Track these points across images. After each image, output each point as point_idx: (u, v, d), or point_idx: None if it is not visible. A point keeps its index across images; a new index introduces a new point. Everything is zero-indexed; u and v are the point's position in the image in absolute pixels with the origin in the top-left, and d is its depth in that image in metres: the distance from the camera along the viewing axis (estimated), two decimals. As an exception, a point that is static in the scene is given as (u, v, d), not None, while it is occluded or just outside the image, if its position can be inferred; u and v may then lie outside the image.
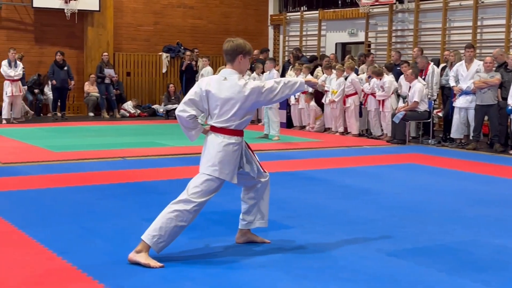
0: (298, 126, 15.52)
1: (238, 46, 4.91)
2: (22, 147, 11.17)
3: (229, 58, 4.94)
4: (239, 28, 20.90)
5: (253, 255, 4.98)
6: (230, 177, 4.84)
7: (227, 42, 4.96)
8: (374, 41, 18.22)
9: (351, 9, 18.47)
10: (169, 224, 4.66)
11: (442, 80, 13.27)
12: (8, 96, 15.34)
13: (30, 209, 6.43)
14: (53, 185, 7.76)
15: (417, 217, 6.39)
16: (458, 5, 15.71)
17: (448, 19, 15.94)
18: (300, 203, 6.95)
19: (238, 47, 4.90)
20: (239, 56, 4.91)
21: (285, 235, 5.59)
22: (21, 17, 17.93)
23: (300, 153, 11.27)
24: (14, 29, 17.88)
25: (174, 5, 20.01)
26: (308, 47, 19.96)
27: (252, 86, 4.83)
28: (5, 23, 17.74)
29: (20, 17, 17.92)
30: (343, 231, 5.75)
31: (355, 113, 14.09)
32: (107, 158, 10.03)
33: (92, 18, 18.42)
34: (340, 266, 4.72)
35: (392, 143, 12.83)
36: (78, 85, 18.23)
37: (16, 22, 17.90)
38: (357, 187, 7.96)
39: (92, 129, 14.73)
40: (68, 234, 5.50)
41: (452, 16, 15.93)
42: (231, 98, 4.81)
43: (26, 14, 17.95)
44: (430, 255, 5.06)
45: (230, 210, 6.38)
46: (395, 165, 10.07)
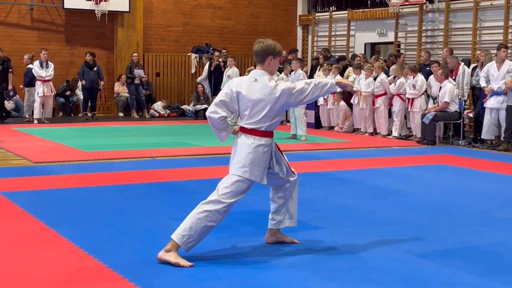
0: (327, 127, 15.48)
1: (268, 47, 4.91)
2: (53, 146, 11.30)
3: (259, 59, 4.95)
4: (268, 28, 20.90)
5: (281, 255, 4.98)
6: (260, 178, 4.85)
7: (257, 43, 4.97)
8: (404, 41, 18.09)
9: (381, 9, 18.37)
10: (199, 224, 4.69)
11: (473, 81, 13.15)
12: (40, 96, 15.53)
13: (61, 208, 6.50)
14: (83, 184, 7.84)
15: (447, 219, 6.34)
16: (489, 4, 15.54)
17: (479, 19, 15.78)
18: (328, 204, 6.93)
19: (268, 48, 4.91)
20: (269, 57, 4.92)
21: (314, 236, 5.59)
22: (52, 18, 18.15)
23: (328, 153, 11.24)
24: (45, 30, 18.10)
25: (203, 5, 20.08)
26: (337, 47, 19.90)
27: (282, 87, 4.83)
28: (37, 24, 17.97)
29: (51, 18, 18.14)
30: (372, 232, 5.72)
31: (385, 113, 14.00)
32: (136, 158, 10.11)
33: (122, 19, 18.58)
34: (369, 268, 4.70)
35: (422, 144, 12.74)
36: (108, 85, 18.41)
37: (47, 23, 18.12)
38: (386, 188, 7.92)
39: (122, 129, 14.84)
40: (98, 232, 5.56)
41: (483, 16, 15.76)
42: (262, 99, 4.81)
43: (57, 15, 18.17)
44: (460, 257, 5.02)
45: (258, 210, 6.39)
46: (424, 166, 9.99)
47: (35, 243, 5.19)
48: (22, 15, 17.78)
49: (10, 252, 4.93)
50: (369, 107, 14.22)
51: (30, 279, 4.31)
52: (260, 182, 4.87)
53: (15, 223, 5.83)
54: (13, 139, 12.13)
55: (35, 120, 15.64)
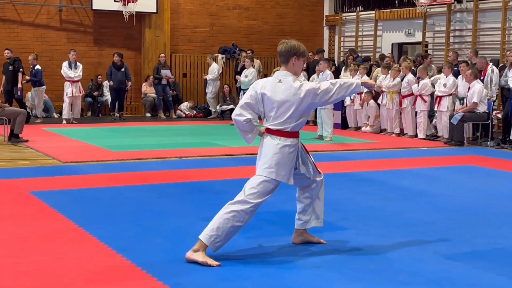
0: (353, 127, 15.43)
1: (292, 47, 4.93)
2: (81, 146, 11.42)
3: (283, 60, 4.96)
4: (294, 29, 20.90)
5: (308, 255, 4.99)
6: (287, 179, 4.87)
7: (281, 44, 4.99)
8: (432, 41, 17.98)
9: (408, 9, 18.27)
10: (226, 224, 4.72)
11: (501, 81, 13.02)
12: (69, 97, 15.70)
13: (90, 207, 6.57)
14: (112, 184, 7.92)
15: (474, 220, 6.31)
16: (518, 4, 15.40)
17: (508, 19, 15.62)
18: (355, 205, 6.92)
19: (292, 49, 4.92)
20: (293, 58, 4.93)
21: (340, 237, 5.59)
22: (80, 19, 18.33)
23: (354, 154, 11.22)
24: (74, 31, 18.29)
25: (230, 6, 20.14)
26: (364, 47, 19.83)
27: (307, 88, 4.84)
28: (65, 25, 18.18)
29: (79, 19, 18.32)
30: (399, 233, 5.70)
31: (412, 114, 13.91)
32: (164, 158, 10.18)
33: (150, 20, 18.71)
34: (396, 269, 4.69)
35: (450, 144, 12.65)
36: (136, 86, 18.55)
37: (75, 24, 18.31)
38: (413, 189, 7.88)
39: (149, 129, 14.95)
40: (127, 232, 5.61)
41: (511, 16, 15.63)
42: (287, 100, 4.83)
43: (85, 16, 18.35)
44: (488, 258, 4.99)
45: (285, 210, 6.41)
46: (452, 167, 9.92)
47: (64, 242, 5.26)
48: (51, 16, 17.99)
49: (39, 251, 5.00)
50: (396, 108, 14.15)
51: (59, 278, 4.37)
52: (286, 182, 4.89)
53: (44, 222, 5.92)
54: (42, 139, 12.27)
55: (63, 120, 15.81)
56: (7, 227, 5.70)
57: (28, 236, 5.42)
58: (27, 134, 12.24)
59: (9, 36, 17.50)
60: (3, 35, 17.44)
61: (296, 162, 4.98)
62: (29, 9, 17.71)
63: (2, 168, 8.93)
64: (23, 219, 6.01)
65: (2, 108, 11.92)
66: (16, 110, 12.16)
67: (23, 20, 17.69)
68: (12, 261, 4.72)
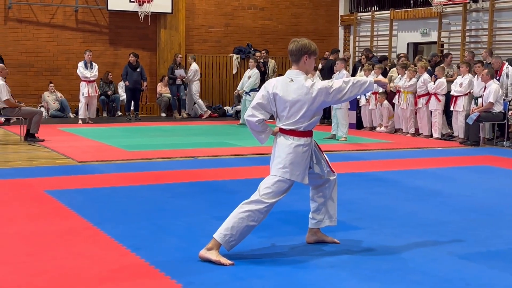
0: (368, 127, 15.39)
1: (303, 46, 4.92)
2: (97, 146, 11.48)
3: (294, 59, 4.95)
4: (309, 29, 20.88)
5: (321, 255, 4.99)
6: (301, 178, 4.87)
7: (292, 43, 4.98)
8: (447, 41, 17.89)
9: (424, 9, 18.19)
10: (241, 224, 4.73)
11: (518, 81, 12.94)
12: (85, 97, 15.77)
13: (104, 206, 6.61)
14: (126, 183, 7.95)
15: (490, 220, 6.27)
16: (535, 3, 15.30)
17: (524, 18, 15.53)
18: (369, 205, 6.90)
19: (303, 47, 4.91)
20: (304, 56, 4.92)
21: (354, 236, 5.58)
22: (96, 19, 18.42)
23: (369, 154, 11.19)
24: (89, 31, 18.39)
25: (245, 6, 20.16)
26: (379, 47, 19.77)
27: (319, 86, 4.83)
28: (81, 26, 18.27)
29: (95, 20, 18.41)
30: (412, 233, 5.68)
31: (427, 113, 13.85)
32: (178, 157, 10.20)
33: (165, 20, 18.77)
34: (410, 268, 4.67)
35: (465, 144, 12.58)
36: (151, 86, 18.61)
37: (91, 24, 18.41)
38: (428, 189, 7.85)
39: (164, 129, 15.00)
40: (141, 230, 5.63)
41: (528, 15, 15.52)
42: (299, 100, 4.83)
43: (101, 16, 18.44)
44: (503, 259, 4.96)
45: (299, 210, 6.41)
46: (467, 167, 9.87)
47: (79, 241, 5.29)
48: (67, 17, 18.10)
49: (55, 249, 5.03)
50: (411, 107, 14.10)
51: (74, 276, 4.40)
52: (301, 182, 4.89)
53: (59, 221, 5.96)
54: (58, 138, 12.35)
55: (79, 120, 15.90)
56: (23, 226, 5.75)
57: (43, 234, 5.47)
58: (43, 133, 12.32)
59: (26, 36, 17.63)
60: (20, 36, 17.57)
61: (310, 161, 4.98)
62: (45, 10, 17.82)
63: (19, 168, 9.00)
64: (38, 218, 6.06)
65: (18, 108, 12.01)
66: (32, 110, 12.25)
67: (39, 21, 17.80)
68: (28, 259, 4.75)
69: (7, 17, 17.47)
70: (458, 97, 13.09)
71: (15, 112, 11.92)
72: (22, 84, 17.53)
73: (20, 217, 6.06)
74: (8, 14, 17.45)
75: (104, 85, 17.99)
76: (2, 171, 8.64)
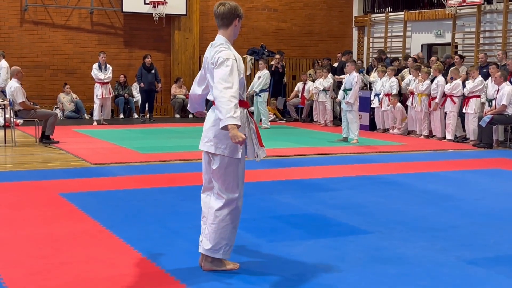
0: (381, 129, 15.39)
1: (236, 8, 4.72)
2: (111, 148, 11.56)
3: (226, 22, 4.77)
4: (323, 30, 20.90)
5: (330, 259, 5.01)
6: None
7: (221, 5, 4.72)
8: (461, 42, 17.85)
9: (437, 10, 18.16)
10: (229, 229, 4.61)
11: (531, 83, 12.89)
12: (99, 98, 15.91)
13: (117, 209, 6.67)
14: (139, 186, 8.02)
15: (500, 225, 6.27)
16: (549, 5, 15.23)
17: (539, 20, 15.48)
18: (379, 208, 6.92)
19: (236, 9, 4.72)
20: (236, 20, 4.74)
21: (363, 240, 5.61)
22: (111, 21, 18.56)
23: (381, 156, 11.20)
24: (104, 33, 18.52)
25: (259, 8, 20.22)
26: (393, 48, 19.76)
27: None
28: (96, 28, 18.41)
29: (110, 22, 18.55)
30: (422, 238, 5.71)
31: (441, 115, 13.84)
32: (192, 160, 10.25)
33: (179, 22, 18.87)
34: (418, 273, 4.70)
35: (478, 147, 12.56)
36: (165, 87, 18.71)
37: (106, 26, 18.54)
38: (439, 193, 7.86)
39: (178, 130, 15.06)
40: (152, 234, 5.69)
41: (543, 16, 15.46)
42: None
43: (116, 18, 18.57)
44: (510, 264, 4.97)
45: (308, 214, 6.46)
46: (480, 170, 9.87)
47: (92, 244, 5.36)
48: (83, 19, 18.24)
49: (67, 253, 5.10)
50: (424, 110, 14.09)
51: (86, 280, 4.46)
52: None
53: (73, 224, 6.03)
54: (73, 140, 12.46)
55: (94, 121, 16.02)
56: (37, 228, 5.84)
57: (57, 237, 5.54)
58: (58, 135, 12.44)
59: (42, 38, 17.81)
60: (36, 38, 17.74)
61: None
62: (60, 12, 17.98)
63: (34, 170, 9.10)
64: (52, 221, 6.14)
65: (34, 110, 12.14)
66: (47, 112, 12.38)
67: (55, 23, 17.97)
68: (42, 262, 4.83)
69: (23, 19, 17.65)
70: (469, 99, 13.07)
71: (31, 114, 12.04)
72: (37, 86, 17.72)
73: (34, 220, 6.15)
74: (24, 16, 17.62)
75: (119, 87, 18.11)
76: (17, 173, 8.75)
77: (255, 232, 5.74)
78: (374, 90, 15.49)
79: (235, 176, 4.59)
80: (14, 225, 5.98)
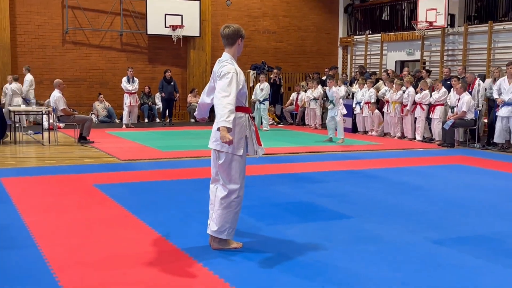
0: (362, 131, 15.34)
1: (239, 29, 4.61)
2: (137, 147, 11.51)
3: (231, 42, 4.65)
4: (313, 49, 20.85)
5: (319, 238, 4.98)
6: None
7: (227, 28, 4.62)
8: (429, 59, 17.78)
9: (409, 32, 18.09)
10: (232, 214, 4.57)
11: (487, 93, 12.83)
12: (127, 106, 15.89)
13: (142, 198, 6.64)
14: (160, 178, 7.99)
15: (461, 211, 6.24)
16: (501, 28, 15.14)
17: (493, 40, 15.39)
18: (361, 197, 6.88)
19: (239, 31, 4.61)
20: (239, 39, 4.63)
21: (346, 224, 5.58)
22: (137, 42, 18.52)
23: (362, 154, 11.15)
24: (132, 51, 18.49)
25: (260, 31, 20.17)
26: (372, 64, 19.69)
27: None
28: (125, 47, 18.38)
29: (137, 42, 18.51)
30: (396, 222, 5.68)
31: (411, 120, 13.79)
32: (203, 156, 10.21)
33: (194, 43, 18.82)
34: (392, 251, 4.67)
35: (443, 146, 12.50)
36: (182, 96, 18.68)
37: (134, 46, 18.50)
38: (411, 184, 7.82)
39: (193, 132, 15.01)
40: (170, 218, 5.67)
41: (496, 38, 15.36)
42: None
43: (141, 39, 18.53)
44: (470, 243, 4.95)
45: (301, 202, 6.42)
46: (444, 165, 9.82)
47: (120, 227, 5.34)
48: (114, 40, 18.21)
49: (99, 233, 5.10)
50: (398, 115, 14.04)
51: (115, 257, 4.44)
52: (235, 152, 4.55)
53: (104, 210, 6.02)
54: (105, 140, 12.43)
55: (123, 125, 16.00)
56: (75, 214, 5.82)
57: (91, 221, 5.53)
58: (93, 136, 12.41)
59: (80, 56, 17.78)
60: (75, 55, 17.71)
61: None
62: (95, 34, 17.95)
63: (72, 165, 9.08)
64: (87, 207, 6.12)
65: (73, 116, 12.11)
66: (84, 117, 12.35)
67: (91, 43, 17.93)
68: (78, 241, 4.82)
69: (65, 40, 17.61)
70: (435, 107, 13.03)
71: (70, 119, 12.02)
72: (76, 95, 17.69)
73: (72, 207, 6.13)
74: (65, 37, 17.59)
75: (144, 97, 18.09)
76: (59, 168, 8.73)
77: (256, 216, 5.72)
78: (356, 99, 15.44)
79: (238, 170, 4.56)
80: (57, 210, 5.96)
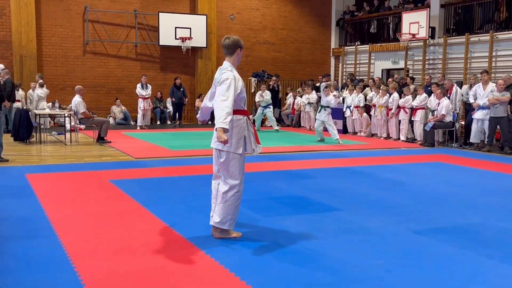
0: (351, 132, 15.30)
1: (238, 40, 4.53)
2: (149, 146, 11.48)
3: (231, 52, 4.57)
4: (308, 58, 20.80)
5: (310, 229, 4.96)
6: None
7: (227, 39, 4.54)
8: (412, 67, 17.72)
9: (394, 43, 18.03)
10: (233, 207, 4.55)
11: (464, 98, 12.78)
12: (142, 109, 15.85)
13: (152, 192, 6.62)
14: (169, 174, 7.96)
15: (438, 204, 6.21)
16: (477, 39, 15.08)
17: (469, 51, 15.32)
18: (349, 192, 6.85)
19: (238, 42, 4.54)
20: (238, 49, 4.55)
21: (336, 216, 5.55)
22: (150, 52, 18.49)
23: (351, 152, 11.11)
24: (145, 61, 18.46)
25: (260, 42, 20.12)
26: (361, 72, 19.63)
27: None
28: (140, 57, 18.35)
29: (150, 52, 18.48)
30: (380, 214, 5.65)
31: (395, 122, 13.76)
32: (209, 155, 10.17)
33: (201, 53, 18.78)
34: (377, 240, 4.65)
35: (424, 146, 12.46)
36: (191, 101, 18.64)
37: (147, 55, 18.47)
38: (394, 180, 7.78)
39: (200, 133, 14.98)
40: (178, 211, 5.65)
41: (472, 48, 15.29)
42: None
43: (154, 50, 18.49)
44: (446, 233, 4.92)
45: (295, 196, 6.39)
46: (425, 163, 9.78)
47: (132, 218, 5.32)
48: (129, 50, 18.18)
49: (114, 224, 5.08)
50: (384, 118, 14.00)
51: (127, 245, 4.43)
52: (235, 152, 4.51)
53: (118, 203, 6.00)
54: (121, 140, 12.40)
55: (138, 126, 15.97)
56: (92, 207, 5.80)
57: (106, 213, 5.51)
58: (111, 137, 12.39)
59: (99, 65, 17.75)
60: (95, 64, 17.69)
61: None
62: (113, 45, 17.92)
63: (91, 162, 9.06)
64: (103, 201, 6.10)
65: (92, 118, 12.09)
66: (102, 120, 12.32)
67: (108, 53, 17.90)
68: (94, 232, 4.80)
69: (85, 50, 17.59)
70: (417, 110, 12.99)
71: (90, 121, 12.00)
72: (95, 100, 17.66)
73: (90, 200, 6.11)
74: (86, 48, 17.57)
75: (156, 101, 18.07)
76: (79, 165, 8.71)
77: (254, 209, 5.69)
78: (346, 103, 15.40)
79: (238, 167, 4.55)
80: (75, 203, 5.94)
